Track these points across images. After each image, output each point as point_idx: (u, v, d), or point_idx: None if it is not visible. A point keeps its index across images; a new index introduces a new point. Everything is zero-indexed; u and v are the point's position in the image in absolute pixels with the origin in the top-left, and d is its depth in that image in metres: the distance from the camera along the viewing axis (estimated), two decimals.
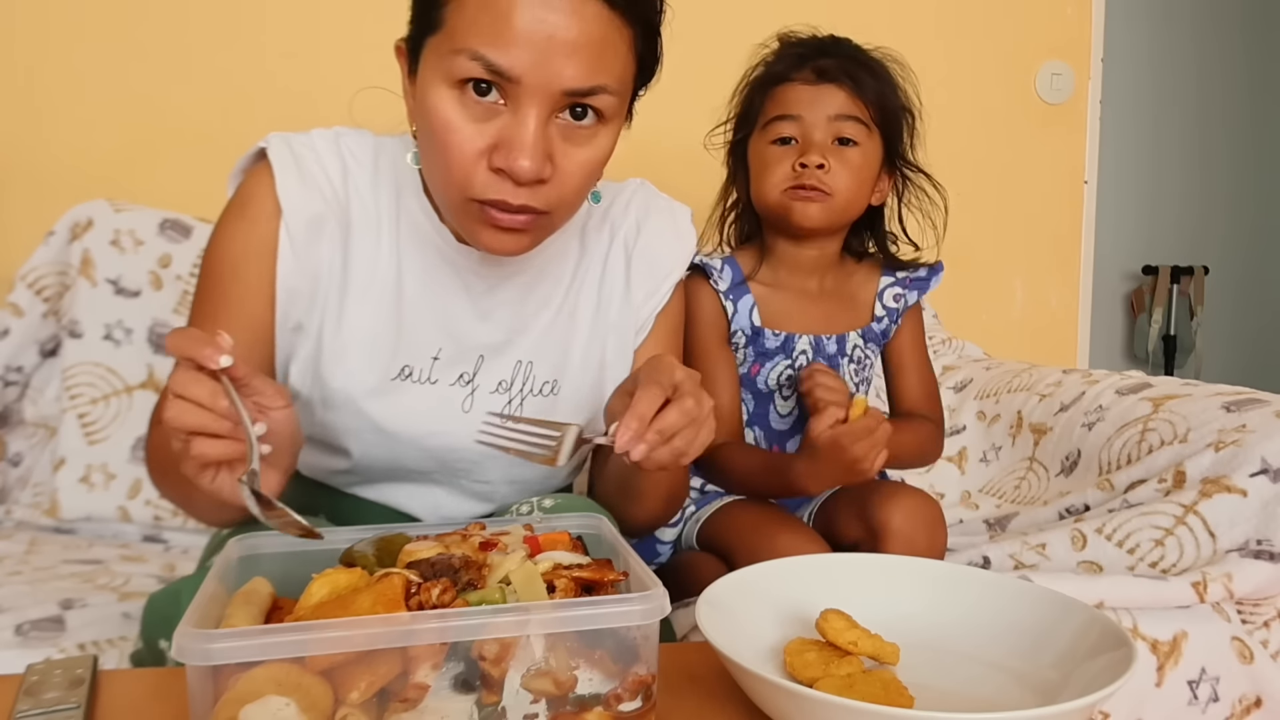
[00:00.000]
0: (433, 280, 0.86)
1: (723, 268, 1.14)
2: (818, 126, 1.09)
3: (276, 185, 0.81)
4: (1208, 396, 1.18)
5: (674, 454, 0.70)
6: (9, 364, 1.40)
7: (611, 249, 0.94)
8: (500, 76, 0.70)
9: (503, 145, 0.71)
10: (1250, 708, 0.99)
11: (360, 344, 0.84)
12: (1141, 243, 3.56)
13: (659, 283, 0.94)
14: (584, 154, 0.75)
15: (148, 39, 1.68)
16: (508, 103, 0.71)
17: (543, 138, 0.71)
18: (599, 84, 0.72)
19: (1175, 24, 3.53)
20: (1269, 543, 1.01)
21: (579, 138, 0.74)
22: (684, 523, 1.17)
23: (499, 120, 0.72)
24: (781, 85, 1.11)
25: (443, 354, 0.86)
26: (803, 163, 1.07)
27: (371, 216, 0.85)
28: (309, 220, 0.82)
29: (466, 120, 0.72)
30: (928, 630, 0.73)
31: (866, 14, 2.03)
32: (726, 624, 0.67)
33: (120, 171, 1.67)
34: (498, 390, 0.88)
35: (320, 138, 0.85)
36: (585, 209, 0.93)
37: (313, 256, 0.83)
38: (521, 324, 0.89)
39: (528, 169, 0.71)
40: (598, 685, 0.56)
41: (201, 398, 0.60)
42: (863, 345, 1.18)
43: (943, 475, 1.54)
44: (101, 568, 1.17)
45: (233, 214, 0.83)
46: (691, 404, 0.69)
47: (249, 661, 0.50)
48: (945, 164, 2.22)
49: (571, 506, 0.84)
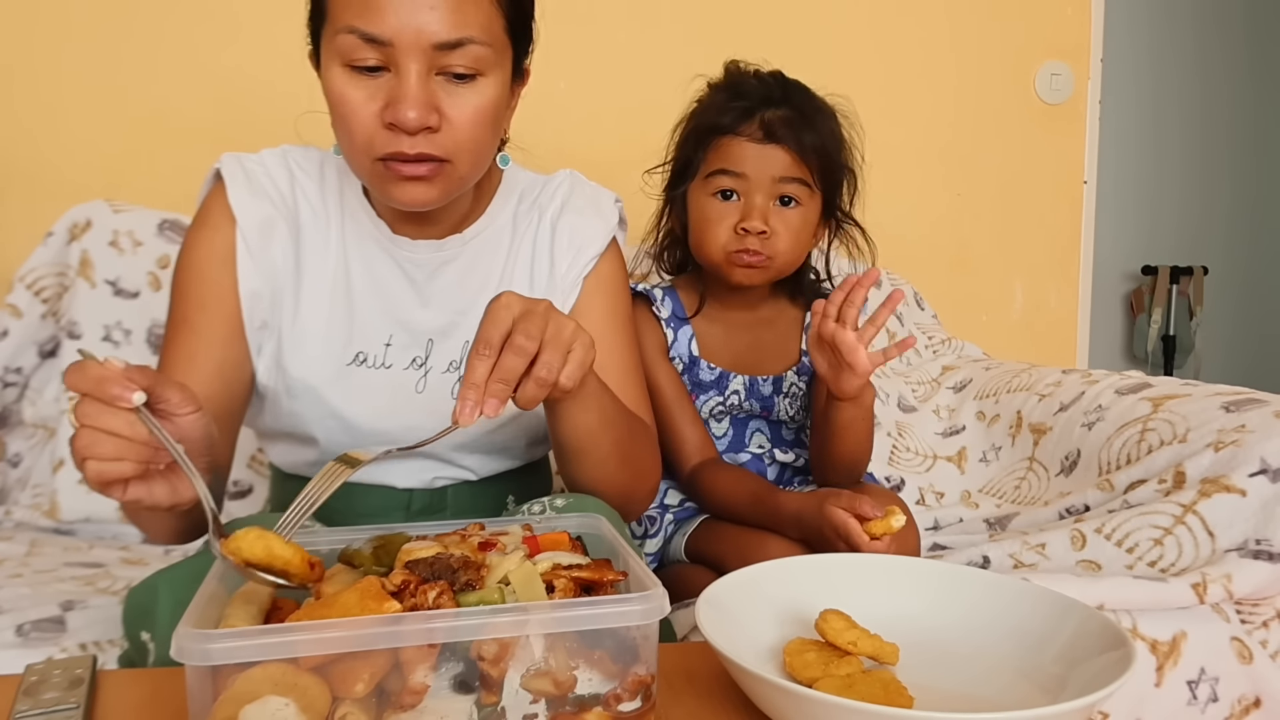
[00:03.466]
0: (377, 271, 0.94)
1: (663, 298, 1.18)
2: (761, 187, 1.09)
3: (229, 197, 0.90)
4: (1207, 396, 1.18)
5: (541, 384, 0.71)
6: (8, 365, 1.40)
7: (539, 229, 1.00)
8: (376, 43, 0.78)
9: (391, 103, 0.79)
10: (1250, 708, 0.99)
11: (316, 334, 0.92)
12: (1141, 243, 3.56)
13: (580, 250, 1.00)
14: (469, 101, 0.82)
15: (147, 39, 1.68)
16: (390, 68, 0.79)
17: (424, 90, 0.79)
18: (465, 35, 0.79)
19: (1175, 24, 3.53)
20: (1268, 543, 1.01)
21: (461, 89, 0.82)
22: (662, 531, 1.17)
23: (386, 85, 0.80)
24: (726, 138, 1.10)
25: (394, 340, 0.94)
26: (745, 227, 1.08)
27: (320, 218, 0.94)
28: (260, 224, 0.91)
29: (358, 89, 0.80)
30: (928, 630, 0.73)
31: (867, 14, 2.03)
32: (726, 624, 0.67)
33: (119, 172, 1.67)
34: (449, 370, 0.95)
35: (269, 154, 0.95)
36: (516, 199, 1.01)
37: (267, 257, 0.91)
38: (464, 306, 0.96)
39: (413, 118, 0.78)
40: (597, 685, 0.56)
41: (118, 428, 0.59)
42: (798, 381, 1.21)
43: (943, 475, 1.54)
44: (103, 570, 1.17)
45: (195, 228, 0.92)
46: (522, 339, 0.69)
47: (247, 662, 0.50)
48: (945, 164, 2.23)
49: (583, 507, 0.84)
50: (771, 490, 1.07)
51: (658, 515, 1.19)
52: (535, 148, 1.06)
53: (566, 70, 1.82)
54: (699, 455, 1.14)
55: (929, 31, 2.08)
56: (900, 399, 1.66)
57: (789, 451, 1.21)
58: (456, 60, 0.80)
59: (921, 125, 2.10)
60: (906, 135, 2.06)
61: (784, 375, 1.19)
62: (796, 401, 1.21)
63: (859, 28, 2.04)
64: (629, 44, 1.89)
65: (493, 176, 1.00)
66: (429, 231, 0.95)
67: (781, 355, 1.21)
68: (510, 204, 1.01)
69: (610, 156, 1.52)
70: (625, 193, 1.10)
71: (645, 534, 1.19)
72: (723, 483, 1.10)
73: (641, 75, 1.88)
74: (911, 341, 0.99)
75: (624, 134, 1.79)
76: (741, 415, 1.21)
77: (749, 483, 1.09)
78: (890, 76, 2.05)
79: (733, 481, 1.10)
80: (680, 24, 1.92)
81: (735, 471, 1.13)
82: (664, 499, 1.19)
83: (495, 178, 1.01)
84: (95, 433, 0.59)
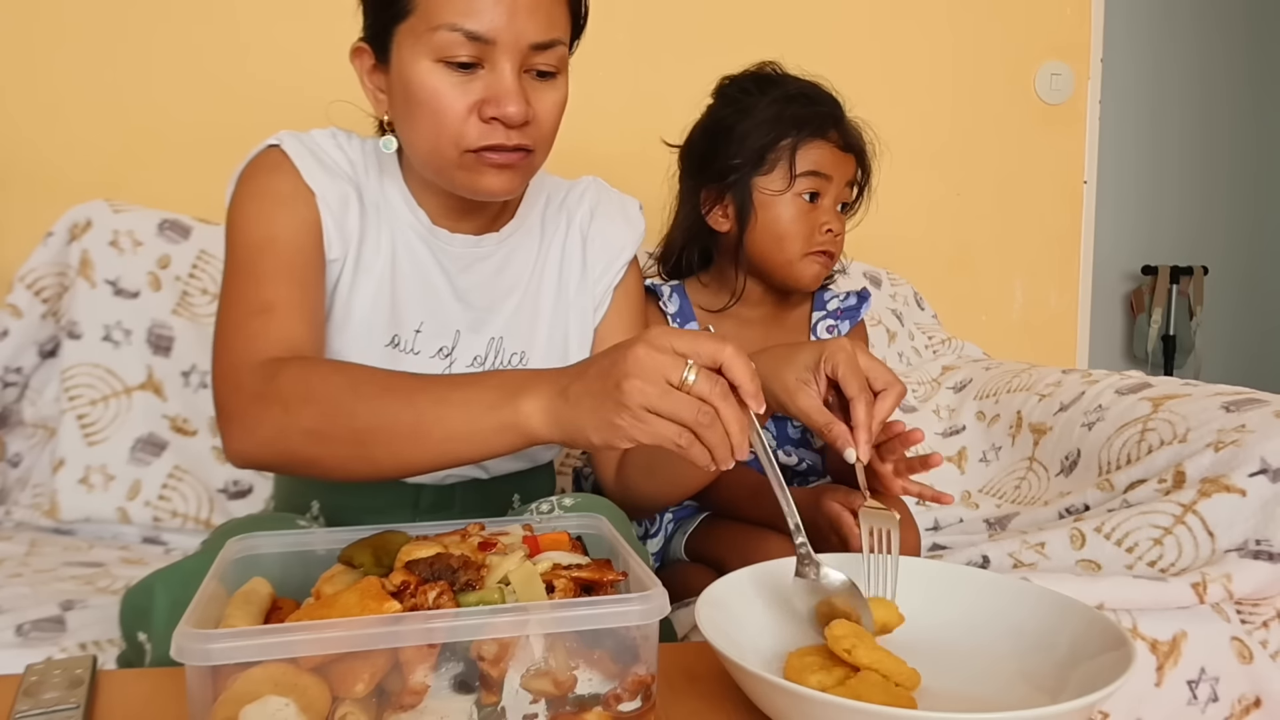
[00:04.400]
0: (418, 260, 0.96)
1: (671, 294, 1.19)
2: (837, 191, 1.14)
3: (302, 174, 0.89)
4: (1207, 396, 1.18)
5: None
6: (8, 365, 1.40)
7: (569, 235, 1.04)
8: (478, 40, 0.81)
9: (491, 99, 0.83)
10: (1250, 708, 0.99)
11: (363, 312, 0.93)
12: (1141, 243, 3.56)
13: (612, 260, 1.04)
14: (552, 97, 0.87)
15: (147, 40, 1.68)
16: (485, 64, 0.83)
17: (522, 87, 0.84)
18: (555, 37, 0.85)
19: (1175, 24, 3.53)
20: (1268, 543, 1.01)
21: (545, 85, 0.87)
22: (663, 530, 1.17)
23: (479, 81, 0.83)
24: (816, 141, 1.12)
25: (424, 327, 0.95)
26: (830, 228, 1.12)
27: (374, 200, 0.95)
28: (339, 198, 0.91)
29: (451, 85, 0.83)
30: (927, 630, 0.73)
31: (867, 14, 2.04)
32: (726, 624, 0.67)
33: (119, 172, 1.67)
34: (473, 365, 0.97)
35: (320, 134, 0.95)
36: (543, 201, 1.04)
37: (346, 228, 0.92)
38: (492, 304, 0.98)
39: (516, 113, 0.82)
40: (597, 685, 0.56)
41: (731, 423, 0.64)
42: None
43: (942, 475, 1.54)
44: (102, 570, 1.17)
45: (266, 200, 0.88)
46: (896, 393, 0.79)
47: (247, 662, 0.50)
48: (945, 164, 2.23)
49: (591, 506, 0.85)
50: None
51: (657, 515, 1.19)
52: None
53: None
54: None
55: (929, 31, 2.08)
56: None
57: (793, 453, 1.21)
58: (545, 60, 0.85)
59: (921, 125, 2.10)
60: (906, 135, 2.05)
61: None
62: None
63: (859, 28, 2.04)
64: (630, 44, 1.89)
65: None
66: (465, 226, 0.97)
67: None
68: (538, 206, 1.04)
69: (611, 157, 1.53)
70: (627, 192, 1.10)
71: (646, 534, 1.19)
72: (725, 477, 1.09)
73: (642, 75, 1.88)
74: (937, 460, 0.95)
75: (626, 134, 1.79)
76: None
77: (749, 476, 1.09)
78: (890, 76, 2.05)
79: (733, 475, 1.10)
80: (681, 24, 1.92)
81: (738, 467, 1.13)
82: None
83: None
84: (714, 418, 0.63)
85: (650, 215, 1.13)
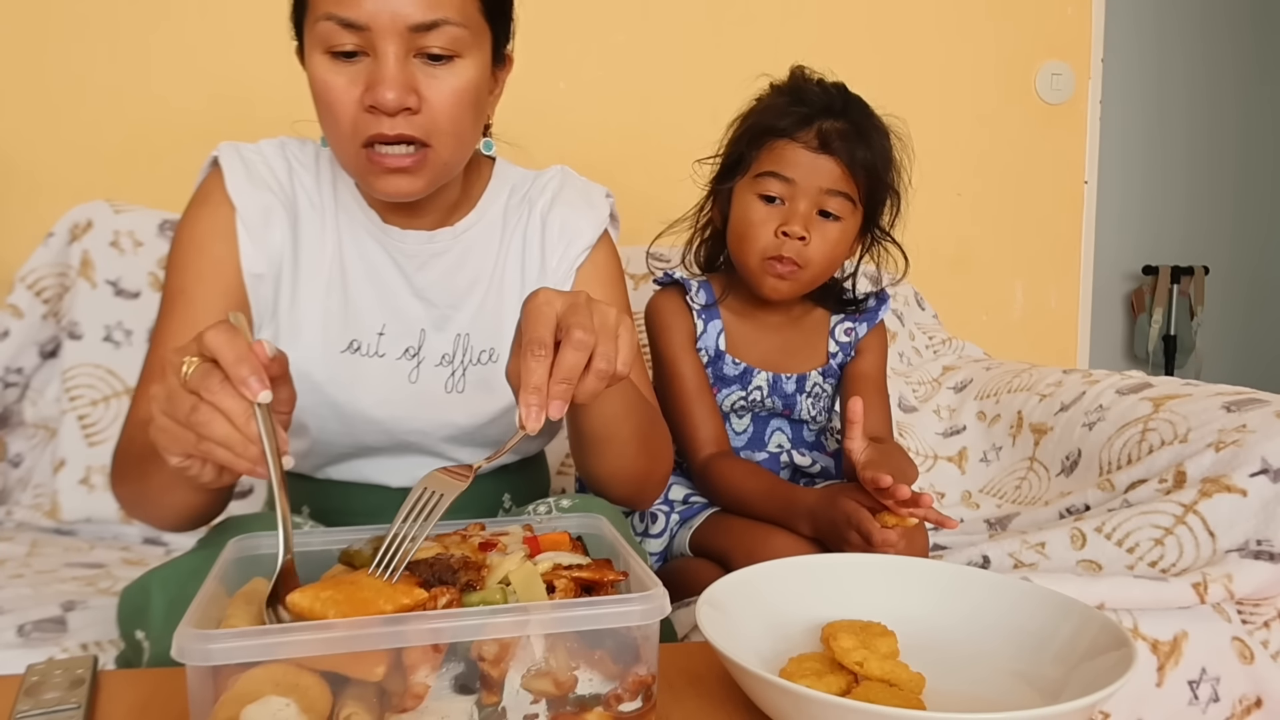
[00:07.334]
0: (371, 261, 0.95)
1: (698, 289, 1.18)
2: (806, 195, 1.09)
3: (227, 185, 0.90)
4: (1208, 396, 1.18)
5: (601, 376, 0.67)
6: (9, 365, 1.40)
7: (529, 222, 1.00)
8: (353, 28, 0.79)
9: (370, 85, 0.80)
10: (1251, 708, 0.99)
11: (313, 322, 0.92)
12: (1142, 243, 3.56)
13: (570, 244, 1.00)
14: (447, 83, 0.83)
15: (148, 39, 1.68)
16: (368, 53, 0.81)
17: (402, 71, 0.80)
18: (439, 16, 0.80)
19: (1175, 24, 3.53)
20: (1269, 543, 1.01)
21: (439, 70, 0.83)
22: (668, 530, 1.17)
23: (364, 69, 0.81)
24: (781, 141, 1.09)
25: (387, 329, 0.94)
26: (785, 231, 1.08)
27: (316, 208, 0.94)
28: (259, 210, 0.91)
29: (339, 76, 0.82)
30: (929, 631, 0.73)
31: (867, 14, 2.03)
32: (727, 624, 0.67)
33: (119, 172, 1.67)
34: (441, 363, 0.95)
35: (267, 144, 0.96)
36: (507, 193, 1.01)
37: (267, 242, 0.91)
38: (456, 300, 0.96)
39: (391, 99, 0.79)
40: (598, 686, 0.56)
41: (234, 414, 0.57)
42: (822, 381, 1.21)
43: (943, 475, 1.54)
44: (103, 571, 1.17)
45: (193, 207, 0.93)
46: (580, 333, 0.65)
47: (248, 662, 0.50)
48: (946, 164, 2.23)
49: (588, 507, 0.84)
50: (788, 484, 1.08)
51: (661, 512, 1.19)
52: (535, 148, 1.06)
53: (566, 71, 1.81)
54: (714, 446, 1.14)
55: (929, 31, 2.08)
56: (901, 399, 1.66)
57: (806, 455, 1.21)
58: (432, 41, 0.81)
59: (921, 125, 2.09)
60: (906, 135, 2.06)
61: (808, 375, 1.20)
62: (819, 402, 1.21)
63: (860, 28, 2.04)
64: (629, 44, 1.89)
65: (482, 169, 1.01)
66: (418, 222, 0.96)
67: (807, 355, 1.21)
68: (501, 198, 1.01)
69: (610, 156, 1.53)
70: (626, 192, 1.10)
71: (647, 531, 1.19)
72: (738, 473, 1.10)
73: (642, 76, 1.88)
74: (953, 524, 0.93)
75: (624, 134, 1.79)
76: (763, 413, 1.21)
77: (764, 475, 1.10)
78: (890, 76, 2.05)
79: (748, 473, 1.10)
80: (680, 25, 1.92)
81: (750, 464, 1.14)
82: (669, 495, 1.19)
83: (485, 171, 1.01)
84: (213, 410, 0.57)
85: (650, 215, 1.13)
